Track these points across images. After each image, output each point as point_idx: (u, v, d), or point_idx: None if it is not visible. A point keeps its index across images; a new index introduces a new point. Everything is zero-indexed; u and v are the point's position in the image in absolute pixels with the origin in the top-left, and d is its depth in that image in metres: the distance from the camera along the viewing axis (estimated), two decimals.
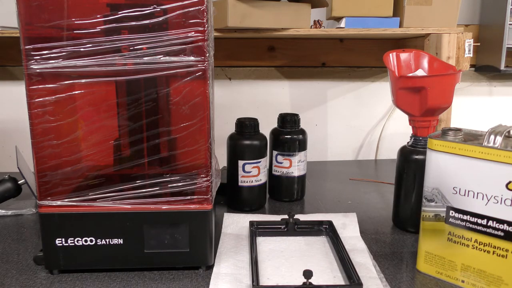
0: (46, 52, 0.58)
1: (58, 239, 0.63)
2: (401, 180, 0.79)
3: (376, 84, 1.39)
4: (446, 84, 0.72)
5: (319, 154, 1.42)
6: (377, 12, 1.07)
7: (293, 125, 0.93)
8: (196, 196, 0.64)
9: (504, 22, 1.23)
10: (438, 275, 0.64)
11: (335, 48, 1.34)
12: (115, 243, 0.64)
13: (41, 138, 0.61)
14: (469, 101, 1.41)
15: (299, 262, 0.68)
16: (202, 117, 0.62)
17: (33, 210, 0.89)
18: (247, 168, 0.88)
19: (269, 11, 0.97)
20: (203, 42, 0.59)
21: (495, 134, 0.57)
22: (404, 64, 0.80)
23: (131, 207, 0.63)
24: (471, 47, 1.07)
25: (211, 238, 0.66)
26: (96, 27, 0.58)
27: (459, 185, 0.60)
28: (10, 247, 0.75)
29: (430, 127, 0.75)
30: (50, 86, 0.59)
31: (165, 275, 0.65)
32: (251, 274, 0.62)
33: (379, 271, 0.66)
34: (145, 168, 0.67)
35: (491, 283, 0.59)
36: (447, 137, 0.62)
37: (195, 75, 0.60)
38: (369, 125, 1.42)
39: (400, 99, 0.75)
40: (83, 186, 0.65)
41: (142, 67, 0.60)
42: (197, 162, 0.64)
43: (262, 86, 1.35)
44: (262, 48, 1.32)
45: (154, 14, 0.59)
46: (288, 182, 0.95)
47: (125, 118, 0.66)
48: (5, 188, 0.88)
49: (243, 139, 0.88)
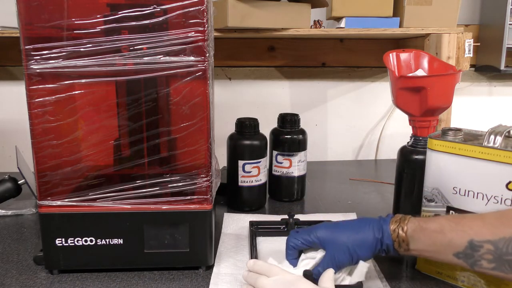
0: (46, 52, 0.58)
1: (58, 239, 0.63)
2: (401, 180, 0.79)
3: (376, 84, 1.39)
4: (446, 84, 0.72)
5: (319, 154, 1.42)
6: (377, 12, 1.07)
7: (293, 125, 0.93)
8: (196, 196, 0.64)
9: (504, 22, 1.23)
10: (438, 275, 0.64)
11: (335, 48, 1.34)
12: (115, 243, 0.64)
13: (41, 138, 0.61)
14: (469, 101, 1.41)
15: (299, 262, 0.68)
16: (202, 117, 0.62)
17: (33, 210, 0.89)
18: (247, 168, 0.88)
19: (269, 11, 0.97)
20: (203, 42, 0.59)
21: (495, 134, 0.57)
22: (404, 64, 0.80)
23: (131, 207, 0.63)
24: (471, 47, 1.07)
25: (211, 238, 0.66)
26: (96, 27, 0.58)
27: (459, 185, 0.60)
28: (10, 247, 0.75)
29: (430, 127, 0.75)
30: (50, 86, 0.59)
31: (165, 275, 0.65)
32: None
33: (379, 271, 0.66)
34: (145, 168, 0.67)
35: (491, 283, 0.59)
36: (447, 137, 0.62)
37: (195, 75, 0.60)
38: (369, 125, 1.42)
39: (400, 99, 0.75)
40: (83, 186, 0.65)
41: (142, 67, 0.60)
42: (197, 162, 0.64)
43: (262, 86, 1.35)
44: (262, 48, 1.32)
45: (154, 14, 0.59)
46: (288, 182, 0.95)
47: (125, 118, 0.66)
48: (5, 188, 0.88)
49: (243, 139, 0.88)
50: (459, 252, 0.51)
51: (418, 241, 0.54)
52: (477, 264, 0.50)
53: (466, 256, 0.51)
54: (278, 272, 0.54)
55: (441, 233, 0.52)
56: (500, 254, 0.48)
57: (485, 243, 0.49)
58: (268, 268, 0.56)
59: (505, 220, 0.50)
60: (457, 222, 0.52)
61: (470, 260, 0.51)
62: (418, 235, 0.54)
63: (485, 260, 0.50)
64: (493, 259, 0.49)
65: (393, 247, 0.55)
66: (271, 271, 0.55)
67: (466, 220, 0.52)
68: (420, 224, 0.54)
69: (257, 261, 0.58)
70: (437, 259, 0.55)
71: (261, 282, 0.54)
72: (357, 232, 0.57)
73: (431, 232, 0.53)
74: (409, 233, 0.54)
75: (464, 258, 0.51)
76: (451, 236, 0.52)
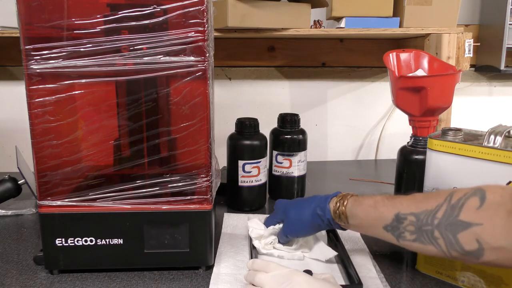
0: (46, 52, 0.58)
1: (58, 239, 0.63)
2: (401, 180, 0.79)
3: (376, 84, 1.39)
4: (446, 84, 0.72)
5: (319, 154, 1.42)
6: (377, 12, 1.07)
7: (293, 125, 0.93)
8: (196, 196, 0.64)
9: (504, 22, 1.23)
10: (438, 275, 0.64)
11: (335, 48, 1.34)
12: (115, 243, 0.64)
13: (41, 138, 0.61)
14: (469, 101, 1.41)
15: (299, 262, 0.68)
16: (202, 117, 0.62)
17: (33, 210, 0.89)
18: (247, 168, 0.88)
19: (269, 11, 0.97)
20: (203, 42, 0.59)
21: (495, 134, 0.57)
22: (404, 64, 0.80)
23: (131, 207, 0.63)
24: (471, 47, 1.07)
25: (211, 238, 0.66)
26: (96, 27, 0.58)
27: (459, 185, 0.60)
28: (10, 247, 0.75)
29: (430, 127, 0.75)
30: (50, 86, 0.59)
31: (165, 275, 0.65)
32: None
33: (379, 271, 0.66)
34: (145, 168, 0.67)
35: (491, 283, 0.59)
36: (447, 137, 0.62)
37: (195, 75, 0.60)
38: (369, 125, 1.42)
39: (400, 99, 0.75)
40: (83, 186, 0.65)
41: (142, 67, 0.60)
42: (197, 162, 0.64)
43: (262, 86, 1.35)
44: (262, 48, 1.32)
45: (154, 14, 0.59)
46: (288, 182, 0.95)
47: (125, 118, 0.66)
48: (5, 188, 0.88)
49: (243, 139, 0.88)
50: (387, 225, 0.55)
51: (355, 215, 0.59)
52: (402, 236, 0.53)
53: (393, 229, 0.54)
54: (276, 267, 0.56)
55: (374, 207, 0.57)
56: (420, 225, 0.51)
57: (409, 216, 0.53)
58: (265, 265, 0.57)
59: (432, 196, 0.53)
60: (390, 199, 0.56)
61: (396, 233, 0.54)
62: (356, 210, 0.59)
63: (408, 232, 0.53)
64: (414, 231, 0.52)
65: (334, 221, 0.62)
66: (268, 267, 0.56)
67: (399, 198, 0.56)
68: (359, 199, 0.59)
69: (256, 259, 0.59)
70: (371, 233, 0.59)
71: (258, 278, 0.55)
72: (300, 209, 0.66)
73: (366, 207, 0.58)
74: (348, 207, 0.60)
75: (392, 230, 0.54)
76: (382, 210, 0.56)
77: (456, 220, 0.48)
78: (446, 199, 0.50)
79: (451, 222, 0.49)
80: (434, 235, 0.50)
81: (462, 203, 0.49)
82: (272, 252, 0.69)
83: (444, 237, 0.49)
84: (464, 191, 0.50)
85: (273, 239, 0.70)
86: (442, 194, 0.52)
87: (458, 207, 0.49)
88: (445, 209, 0.50)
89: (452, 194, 0.50)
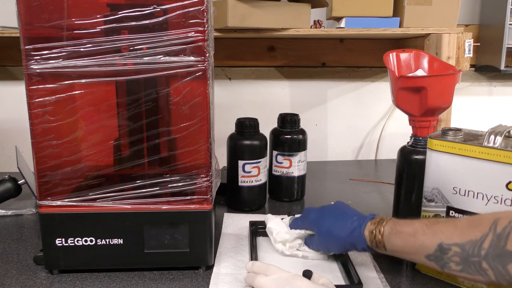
0: (46, 52, 0.58)
1: (58, 239, 0.63)
2: (401, 180, 0.78)
3: (376, 84, 1.39)
4: (446, 84, 0.72)
5: (319, 154, 1.42)
6: (377, 12, 1.07)
7: (293, 125, 0.93)
8: (196, 196, 0.64)
9: (504, 22, 1.23)
10: (438, 275, 0.64)
11: (335, 48, 1.34)
12: (115, 243, 0.64)
13: (41, 138, 0.61)
14: (469, 101, 1.41)
15: (299, 262, 0.68)
16: (202, 117, 0.62)
17: (33, 210, 0.89)
18: (247, 168, 0.88)
19: (269, 11, 0.97)
20: (203, 42, 0.59)
21: (495, 134, 0.57)
22: (404, 64, 0.80)
23: (131, 207, 0.63)
24: (471, 47, 1.07)
25: (211, 238, 0.66)
26: (96, 27, 0.58)
27: (459, 185, 0.60)
28: (10, 247, 0.75)
29: (430, 127, 0.75)
30: (50, 86, 0.59)
31: (165, 275, 0.65)
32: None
33: (379, 271, 0.66)
34: (145, 168, 0.67)
35: (491, 283, 0.59)
36: (447, 137, 0.62)
37: (195, 75, 0.60)
38: (369, 125, 1.42)
39: (400, 99, 0.75)
40: (83, 186, 0.65)
41: (142, 67, 0.60)
42: (197, 162, 0.64)
43: (262, 86, 1.35)
44: (262, 48, 1.32)
45: (154, 14, 0.59)
46: (288, 182, 0.95)
47: (125, 118, 0.66)
48: (5, 188, 0.88)
49: (243, 139, 0.88)
50: (429, 255, 0.53)
51: (393, 243, 0.57)
52: (447, 266, 0.52)
53: (437, 259, 0.52)
54: (276, 271, 0.55)
55: (414, 236, 0.55)
56: (467, 256, 0.50)
57: (453, 246, 0.51)
58: (265, 267, 0.56)
59: (475, 224, 0.51)
60: (430, 226, 0.54)
61: (440, 262, 0.52)
62: (394, 238, 0.57)
63: (453, 263, 0.51)
64: (460, 261, 0.50)
65: (368, 247, 0.59)
66: (269, 270, 0.56)
67: (439, 225, 0.54)
68: (396, 227, 0.57)
69: (255, 262, 0.59)
70: (411, 259, 0.58)
71: (258, 280, 0.55)
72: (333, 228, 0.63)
73: (405, 236, 0.56)
74: (386, 235, 0.57)
75: (435, 260, 0.53)
76: (422, 239, 0.54)
77: (504, 250, 0.47)
78: (491, 228, 0.49)
79: (499, 253, 0.47)
80: (482, 267, 0.49)
81: (508, 232, 0.47)
82: (297, 253, 0.69)
83: (493, 268, 0.48)
84: (508, 218, 0.48)
85: (298, 243, 0.69)
86: (485, 221, 0.50)
87: (504, 237, 0.47)
88: (491, 239, 0.48)
89: (497, 222, 0.49)
